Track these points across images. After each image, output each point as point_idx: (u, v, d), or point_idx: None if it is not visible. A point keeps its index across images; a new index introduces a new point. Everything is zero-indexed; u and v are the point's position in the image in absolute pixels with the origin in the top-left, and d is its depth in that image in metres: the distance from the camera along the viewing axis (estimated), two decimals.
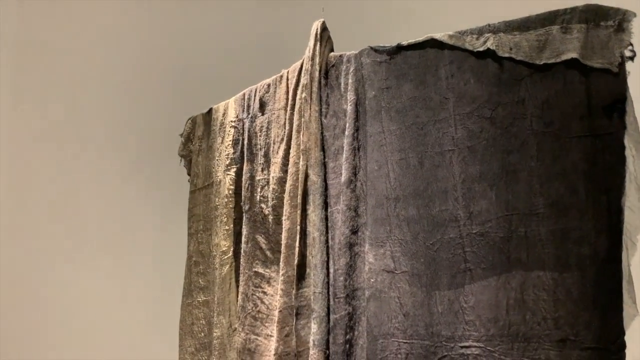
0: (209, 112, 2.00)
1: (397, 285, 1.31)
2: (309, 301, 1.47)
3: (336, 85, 1.52)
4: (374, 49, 1.43)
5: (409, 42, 1.36)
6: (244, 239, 1.72)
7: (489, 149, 1.21)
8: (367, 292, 1.36)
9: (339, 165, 1.48)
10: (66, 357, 2.29)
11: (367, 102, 1.43)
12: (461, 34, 1.26)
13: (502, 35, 1.20)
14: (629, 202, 1.06)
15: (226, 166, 1.83)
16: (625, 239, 1.07)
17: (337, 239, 1.44)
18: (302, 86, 1.56)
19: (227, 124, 1.87)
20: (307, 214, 1.49)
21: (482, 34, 1.23)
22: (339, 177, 1.47)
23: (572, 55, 1.11)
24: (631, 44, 1.07)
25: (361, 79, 1.45)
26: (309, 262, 1.48)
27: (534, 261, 1.13)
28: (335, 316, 1.41)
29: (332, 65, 1.54)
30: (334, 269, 1.43)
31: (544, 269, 1.12)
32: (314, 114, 1.52)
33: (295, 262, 1.50)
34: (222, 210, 1.83)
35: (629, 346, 1.05)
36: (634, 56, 1.08)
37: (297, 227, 1.51)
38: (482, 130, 1.22)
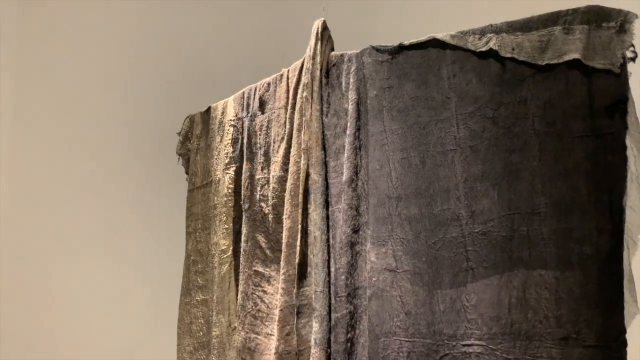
0: (208, 110, 2.00)
1: (399, 284, 1.32)
2: (310, 300, 1.48)
3: (337, 84, 1.52)
4: (376, 49, 1.43)
5: (410, 41, 1.36)
6: (243, 238, 1.72)
7: (491, 149, 1.21)
8: (368, 291, 1.37)
9: (340, 164, 1.48)
10: (65, 356, 2.28)
11: (368, 102, 1.43)
12: (463, 34, 1.27)
13: (504, 35, 1.21)
14: (630, 202, 1.07)
15: (225, 165, 1.83)
16: (626, 238, 1.08)
17: (338, 237, 1.44)
18: (303, 85, 1.56)
19: (226, 122, 1.86)
20: (308, 213, 1.50)
21: (485, 34, 1.24)
22: (340, 176, 1.47)
23: (574, 55, 1.12)
24: (633, 45, 1.08)
25: (362, 78, 1.45)
26: (310, 261, 1.48)
27: (536, 260, 1.14)
28: (336, 315, 1.41)
29: (333, 64, 1.54)
30: (335, 267, 1.43)
31: (546, 268, 1.13)
32: (315, 113, 1.52)
33: (296, 261, 1.50)
34: (221, 209, 1.82)
35: (630, 344, 1.07)
36: (636, 57, 1.09)
37: (298, 226, 1.51)
38: (485, 130, 1.22)
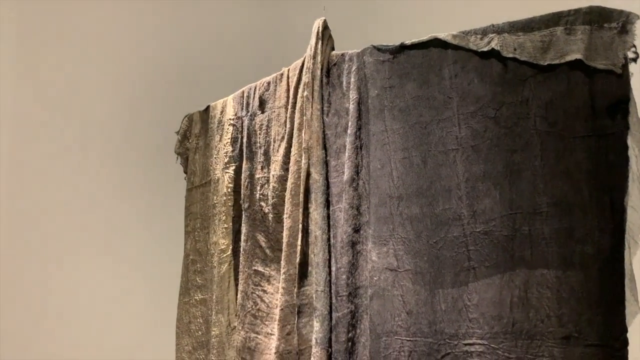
0: (207, 109, 1.99)
1: (401, 283, 1.32)
2: (310, 299, 1.48)
3: (338, 83, 1.52)
4: (377, 48, 1.43)
5: (412, 41, 1.36)
6: (243, 237, 1.72)
7: (493, 149, 1.22)
8: (370, 291, 1.37)
9: (340, 163, 1.48)
10: (63, 356, 2.27)
11: (369, 101, 1.43)
12: (465, 34, 1.27)
13: (506, 35, 1.21)
14: (631, 202, 1.08)
15: (225, 164, 1.82)
16: (627, 237, 1.08)
17: (339, 237, 1.44)
18: (304, 84, 1.56)
19: (226, 121, 1.86)
20: (309, 212, 1.50)
21: (486, 34, 1.24)
22: (341, 175, 1.47)
23: (576, 56, 1.12)
24: (634, 46, 1.09)
25: (364, 77, 1.45)
26: (311, 260, 1.48)
27: (538, 259, 1.14)
28: (337, 314, 1.41)
29: (334, 63, 1.54)
30: (336, 267, 1.43)
31: (548, 267, 1.13)
32: (316, 112, 1.52)
33: (297, 260, 1.50)
34: (220, 208, 1.82)
35: (631, 343, 1.07)
36: (637, 57, 1.09)
37: (299, 225, 1.51)
38: (486, 129, 1.23)
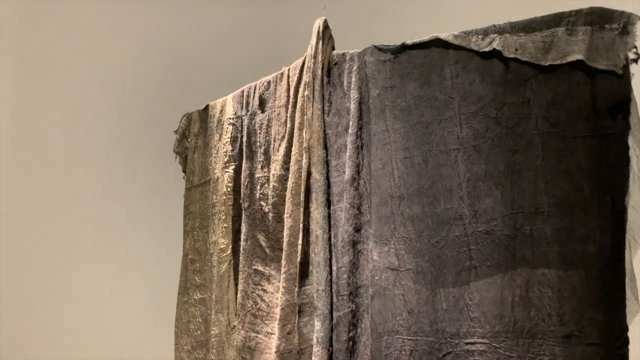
0: (206, 108, 1.99)
1: (402, 282, 1.32)
2: (311, 299, 1.48)
3: (339, 83, 1.52)
4: (378, 48, 1.43)
5: (413, 41, 1.36)
6: (243, 237, 1.72)
7: (494, 148, 1.22)
8: (371, 290, 1.37)
9: (341, 163, 1.48)
10: (62, 355, 2.26)
11: (370, 101, 1.43)
12: (466, 34, 1.27)
13: (507, 36, 1.22)
14: (632, 202, 1.09)
15: (224, 163, 1.82)
16: (628, 237, 1.09)
17: (340, 236, 1.44)
18: (305, 84, 1.56)
19: (225, 121, 1.86)
20: (310, 212, 1.50)
21: (488, 35, 1.24)
22: (341, 175, 1.47)
23: (577, 56, 1.13)
24: (635, 47, 1.09)
25: (365, 77, 1.45)
26: (312, 259, 1.48)
27: (539, 259, 1.15)
28: (338, 314, 1.41)
29: (335, 63, 1.54)
30: (337, 266, 1.44)
31: (549, 267, 1.14)
32: (317, 112, 1.52)
33: (297, 259, 1.50)
34: (220, 207, 1.81)
35: (631, 342, 1.08)
36: (638, 58, 1.10)
37: (300, 225, 1.51)
38: (488, 129, 1.23)
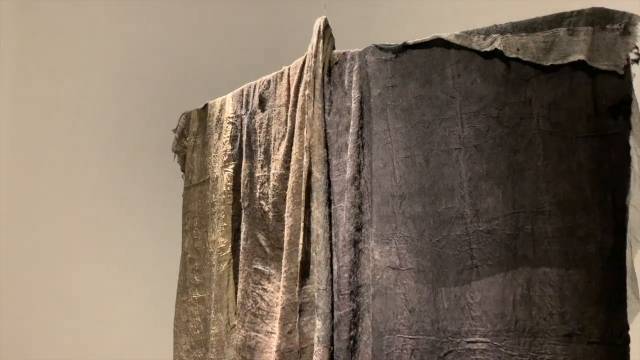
0: (205, 107, 1.98)
1: (403, 281, 1.33)
2: (312, 298, 1.48)
3: (339, 82, 1.53)
4: (379, 47, 1.43)
5: (415, 40, 1.36)
6: (243, 236, 1.72)
7: (495, 148, 1.23)
8: (372, 289, 1.37)
9: (342, 162, 1.48)
10: (62, 355, 2.26)
11: (371, 100, 1.43)
12: (468, 34, 1.28)
13: (509, 36, 1.22)
14: (633, 201, 1.09)
15: (224, 162, 1.82)
16: (629, 236, 1.10)
17: (341, 236, 1.45)
18: (305, 83, 1.56)
19: (225, 120, 1.85)
20: (311, 211, 1.50)
21: (489, 35, 1.25)
22: (342, 174, 1.47)
23: (579, 57, 1.14)
24: (637, 47, 1.10)
25: (366, 76, 1.45)
26: (313, 259, 1.48)
27: (541, 258, 1.15)
28: (339, 313, 1.41)
29: (336, 62, 1.54)
30: (338, 265, 1.44)
31: (550, 266, 1.14)
32: (317, 111, 1.52)
33: (298, 259, 1.50)
34: (219, 206, 1.81)
35: (632, 340, 1.09)
36: (639, 59, 1.11)
37: (301, 224, 1.51)
38: (489, 129, 1.24)
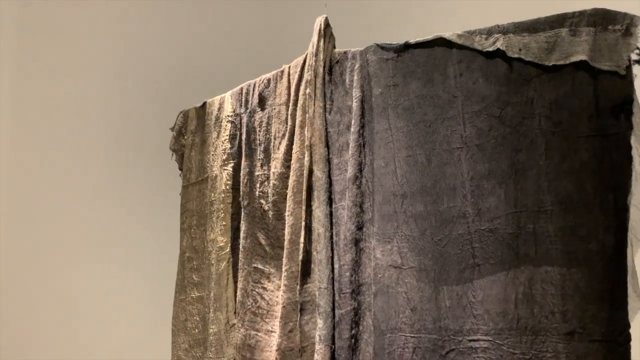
0: (203, 106, 1.98)
1: (405, 280, 1.33)
2: (313, 297, 1.48)
3: (340, 81, 1.53)
4: (381, 46, 1.43)
5: (416, 40, 1.37)
6: (242, 235, 1.71)
7: (497, 147, 1.23)
8: (374, 288, 1.37)
9: (343, 161, 1.48)
10: (62, 355, 2.24)
11: (373, 99, 1.44)
12: (470, 34, 1.28)
13: (511, 36, 1.23)
14: (634, 200, 1.10)
15: (223, 161, 1.81)
16: (630, 235, 1.11)
17: (342, 234, 1.45)
18: (306, 82, 1.55)
19: (224, 118, 1.85)
20: (312, 210, 1.50)
21: (492, 35, 1.25)
22: (343, 173, 1.48)
23: (581, 57, 1.14)
24: (638, 48, 1.11)
25: (367, 76, 1.45)
26: (314, 258, 1.48)
27: (542, 257, 1.16)
28: (340, 311, 1.42)
29: (337, 61, 1.54)
30: (340, 264, 1.44)
31: (552, 264, 1.15)
32: (318, 110, 1.52)
33: (299, 257, 1.50)
34: (218, 205, 1.81)
35: (633, 339, 1.10)
36: None
37: (302, 223, 1.51)
38: (491, 128, 1.24)
